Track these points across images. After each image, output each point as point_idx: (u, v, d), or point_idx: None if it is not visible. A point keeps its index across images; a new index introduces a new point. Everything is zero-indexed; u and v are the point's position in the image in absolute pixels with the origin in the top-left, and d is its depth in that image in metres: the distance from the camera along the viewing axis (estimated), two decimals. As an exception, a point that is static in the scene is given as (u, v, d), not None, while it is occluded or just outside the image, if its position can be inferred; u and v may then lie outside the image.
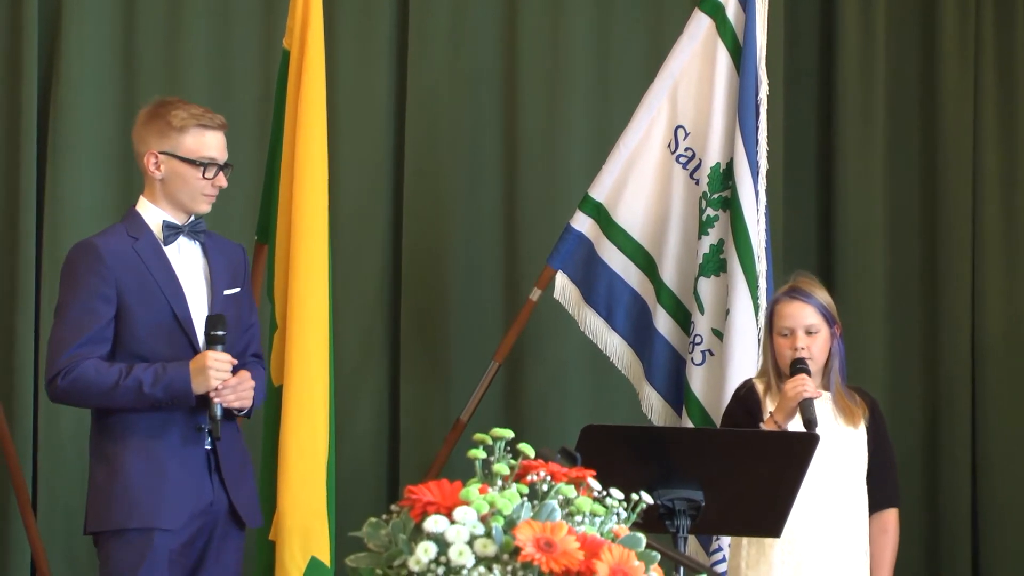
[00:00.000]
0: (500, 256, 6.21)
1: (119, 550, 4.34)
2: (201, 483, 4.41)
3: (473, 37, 6.25)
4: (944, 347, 6.38)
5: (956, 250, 6.41)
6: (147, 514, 4.32)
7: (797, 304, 4.78)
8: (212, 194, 4.49)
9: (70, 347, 4.34)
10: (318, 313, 5.00)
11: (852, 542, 4.77)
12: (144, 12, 5.98)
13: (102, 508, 4.37)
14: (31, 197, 5.80)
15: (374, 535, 2.75)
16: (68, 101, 5.86)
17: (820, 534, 4.72)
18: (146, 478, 4.34)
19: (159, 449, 4.36)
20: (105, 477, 4.37)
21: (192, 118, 4.46)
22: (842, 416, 4.78)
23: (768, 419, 4.70)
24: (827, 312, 4.79)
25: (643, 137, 5.53)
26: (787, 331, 4.77)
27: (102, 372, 4.32)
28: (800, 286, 4.81)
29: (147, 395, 4.30)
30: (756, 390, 4.83)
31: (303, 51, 5.11)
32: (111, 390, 4.30)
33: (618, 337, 5.54)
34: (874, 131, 6.46)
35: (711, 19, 5.51)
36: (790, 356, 4.75)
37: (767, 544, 4.73)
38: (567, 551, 2.61)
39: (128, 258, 4.41)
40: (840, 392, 4.80)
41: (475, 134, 6.24)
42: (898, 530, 4.88)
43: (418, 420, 6.08)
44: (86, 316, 4.36)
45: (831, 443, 4.66)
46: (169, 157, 4.46)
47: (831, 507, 4.73)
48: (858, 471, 4.79)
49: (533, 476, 2.79)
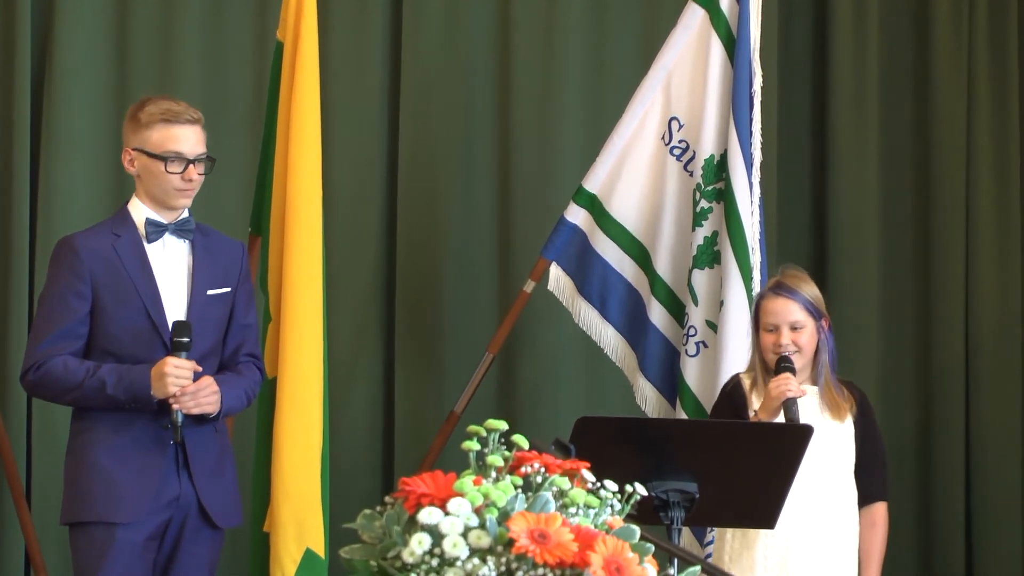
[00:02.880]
0: (494, 248, 6.20)
1: (84, 543, 4.39)
2: (166, 477, 4.40)
3: (467, 29, 6.24)
4: (937, 339, 6.39)
5: (949, 242, 6.41)
6: (103, 508, 4.35)
7: (781, 300, 4.79)
8: (184, 188, 4.46)
9: (43, 341, 4.39)
10: (312, 305, 5.00)
11: (839, 536, 4.77)
12: (138, 3, 5.97)
13: (69, 500, 4.43)
14: (24, 190, 5.79)
15: (368, 527, 2.75)
16: (61, 93, 5.86)
17: (805, 528, 4.72)
18: (106, 473, 4.37)
19: (123, 444, 4.38)
20: (72, 470, 4.43)
21: (159, 113, 4.47)
22: (828, 410, 4.79)
23: (752, 417, 4.71)
24: (812, 307, 4.79)
25: (637, 129, 5.53)
26: (772, 327, 4.78)
27: (70, 369, 4.37)
28: (785, 281, 4.82)
29: (110, 396, 4.33)
30: (743, 386, 4.85)
31: (297, 43, 5.10)
32: (76, 388, 4.35)
33: (612, 329, 5.54)
34: (868, 123, 6.45)
35: (705, 11, 5.50)
36: (774, 352, 4.76)
37: (751, 537, 4.74)
38: (561, 543, 2.61)
39: (106, 256, 4.42)
40: (829, 386, 4.80)
41: (469, 125, 6.24)
42: (887, 524, 4.88)
43: (412, 412, 6.08)
44: (60, 311, 4.40)
45: (816, 437, 4.67)
46: (140, 153, 4.47)
47: (816, 501, 4.73)
48: (845, 465, 4.79)
49: (527, 468, 2.79)
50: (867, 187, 6.43)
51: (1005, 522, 6.26)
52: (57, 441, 5.72)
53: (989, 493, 6.30)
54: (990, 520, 6.30)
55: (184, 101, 4.57)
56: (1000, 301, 6.35)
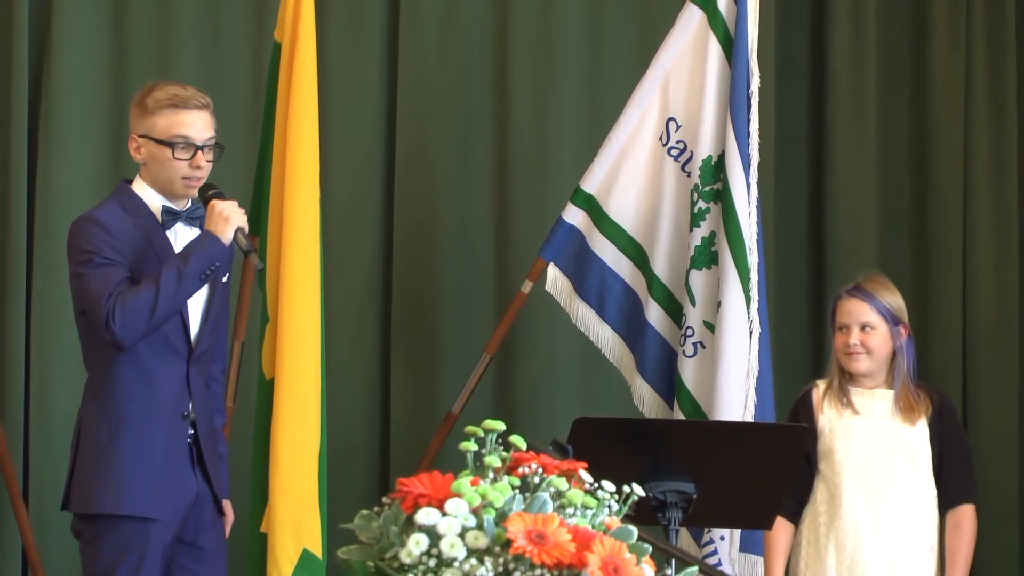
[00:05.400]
0: (491, 249, 6.20)
1: (110, 536, 4.31)
2: (188, 476, 4.40)
3: (465, 29, 6.24)
4: (935, 338, 6.37)
5: (947, 242, 6.41)
6: (140, 502, 4.29)
7: (855, 301, 4.96)
8: (192, 175, 4.39)
9: (106, 293, 4.24)
10: (309, 305, 4.99)
11: (914, 540, 4.80)
12: (135, 2, 5.97)
13: (89, 489, 4.33)
14: (22, 187, 5.79)
15: (366, 527, 2.75)
16: (59, 91, 5.85)
17: (875, 532, 4.77)
18: (139, 466, 4.31)
19: (150, 438, 4.33)
20: (95, 458, 4.33)
21: (166, 99, 4.39)
22: (900, 414, 4.87)
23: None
24: (888, 311, 4.94)
25: (635, 129, 5.52)
26: (843, 327, 4.96)
27: (139, 292, 4.24)
28: (863, 284, 5.00)
29: (190, 272, 4.24)
30: (810, 399, 4.97)
31: (294, 43, 5.10)
32: (157, 296, 4.22)
33: (609, 329, 5.54)
34: (865, 123, 6.45)
35: (702, 11, 5.50)
36: (844, 353, 4.92)
37: (822, 543, 4.78)
38: (559, 543, 2.61)
39: (131, 232, 4.35)
40: (905, 390, 4.90)
41: (466, 126, 6.23)
42: (974, 527, 4.95)
43: (409, 412, 6.07)
44: (109, 269, 4.29)
45: (886, 440, 4.75)
46: (147, 140, 4.41)
47: (887, 505, 4.77)
48: (918, 468, 4.85)
49: (525, 468, 2.79)
50: (864, 188, 6.43)
51: (1003, 521, 6.26)
52: (55, 440, 5.73)
53: (988, 493, 6.29)
54: (988, 520, 6.30)
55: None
56: (997, 301, 6.34)
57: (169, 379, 4.37)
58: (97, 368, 4.41)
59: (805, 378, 5.68)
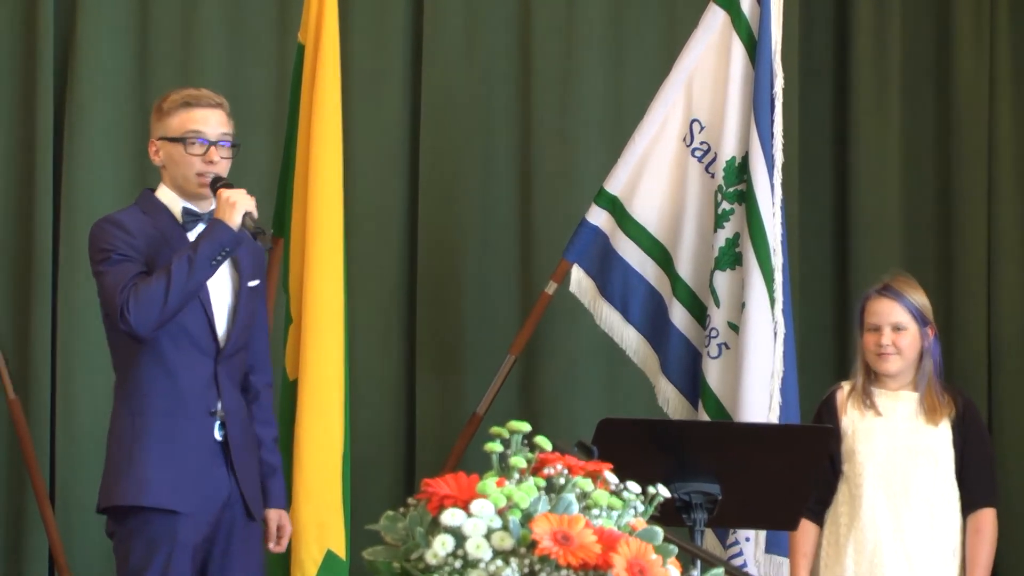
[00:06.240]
0: (515, 249, 6.20)
1: (138, 535, 4.30)
2: (218, 474, 4.39)
3: (488, 30, 6.24)
4: (959, 340, 6.36)
5: (972, 242, 6.39)
6: (163, 494, 4.28)
7: (886, 301, 4.93)
8: (206, 171, 4.40)
9: (120, 286, 4.27)
10: (333, 306, 5.00)
11: (935, 543, 4.78)
12: (159, 5, 5.99)
13: (114, 483, 4.33)
14: (47, 192, 5.81)
15: (391, 528, 2.75)
16: (83, 93, 5.87)
17: (896, 534, 4.76)
18: (163, 459, 4.31)
19: (175, 433, 4.32)
20: (120, 453, 4.34)
21: (180, 99, 4.43)
22: (924, 415, 4.85)
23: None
24: (918, 312, 4.92)
25: (658, 130, 5.52)
26: (874, 327, 4.93)
27: (151, 282, 4.25)
28: (892, 284, 4.97)
29: (200, 258, 4.24)
30: (835, 400, 4.96)
31: (318, 45, 5.11)
32: (168, 284, 4.22)
33: (634, 331, 5.53)
34: (889, 124, 6.44)
35: (726, 12, 5.49)
36: (876, 353, 4.89)
37: (842, 544, 4.78)
38: (584, 544, 2.61)
39: (148, 231, 4.37)
40: (930, 391, 4.89)
41: (490, 127, 6.24)
42: (995, 531, 4.92)
43: (434, 413, 6.08)
44: (125, 264, 4.30)
45: (909, 442, 4.74)
46: (163, 141, 4.43)
47: (908, 507, 4.76)
48: (940, 470, 4.83)
49: (550, 469, 2.79)
50: (888, 188, 6.42)
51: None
52: (81, 442, 5.74)
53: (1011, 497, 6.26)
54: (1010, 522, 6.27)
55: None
56: (1023, 301, 6.33)
57: (193, 375, 4.37)
58: (122, 367, 4.42)
59: (829, 379, 5.67)
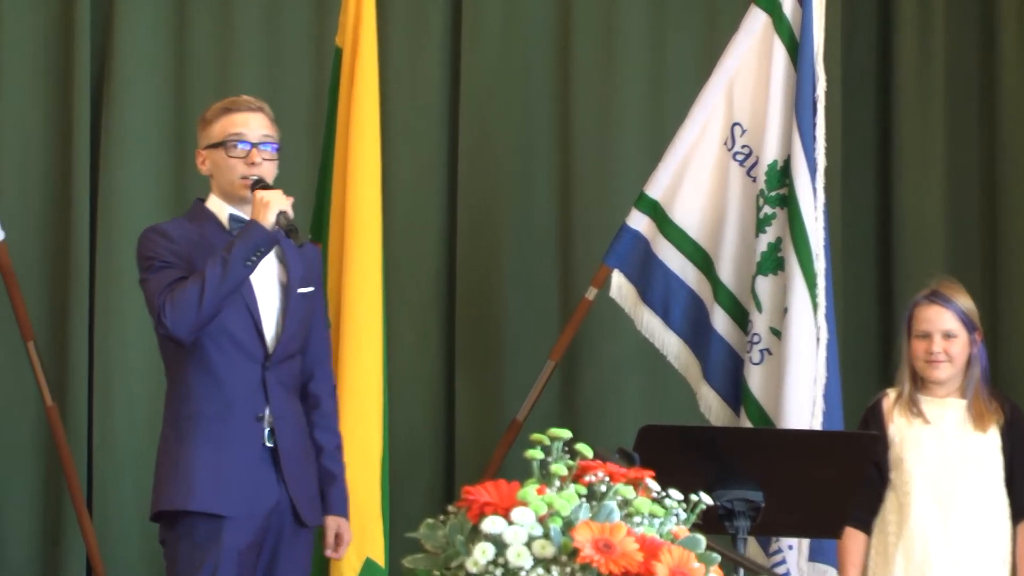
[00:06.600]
0: (555, 255, 6.19)
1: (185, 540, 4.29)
2: (267, 480, 4.36)
3: (526, 32, 6.23)
4: (1005, 346, 6.32)
5: (1016, 246, 6.35)
6: (209, 498, 4.27)
7: (936, 308, 4.88)
8: (249, 173, 4.39)
9: (160, 291, 4.28)
10: (372, 313, 5.00)
11: (984, 551, 4.75)
12: (196, 9, 6.00)
13: (162, 488, 4.33)
14: (84, 195, 5.83)
15: (431, 536, 2.74)
16: (120, 98, 5.89)
17: (945, 542, 4.72)
18: (208, 463, 4.29)
19: (220, 438, 4.31)
20: (167, 458, 4.34)
21: (221, 107, 4.47)
22: (972, 421, 4.82)
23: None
24: (966, 318, 4.88)
25: (699, 134, 5.49)
26: (924, 334, 4.87)
27: (186, 285, 4.26)
28: (940, 290, 4.91)
29: (235, 259, 4.23)
30: (881, 408, 4.92)
31: (356, 49, 5.12)
32: (203, 286, 4.23)
33: (675, 336, 5.50)
34: (933, 128, 6.41)
35: (768, 15, 5.46)
36: (926, 361, 4.84)
37: (890, 553, 4.75)
38: (626, 552, 2.60)
39: (192, 237, 4.38)
40: (978, 397, 4.86)
41: (529, 131, 6.22)
42: None
43: (473, 420, 6.06)
44: (167, 271, 4.31)
45: (957, 450, 4.70)
46: (208, 150, 4.45)
47: (957, 515, 4.72)
48: (989, 478, 4.80)
49: (591, 477, 2.78)
50: (932, 192, 6.38)
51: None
52: (118, 450, 5.76)
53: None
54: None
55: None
56: (1068, 306, 6.29)
57: (238, 380, 4.35)
58: (172, 373, 4.43)
59: (873, 385, 5.63)
